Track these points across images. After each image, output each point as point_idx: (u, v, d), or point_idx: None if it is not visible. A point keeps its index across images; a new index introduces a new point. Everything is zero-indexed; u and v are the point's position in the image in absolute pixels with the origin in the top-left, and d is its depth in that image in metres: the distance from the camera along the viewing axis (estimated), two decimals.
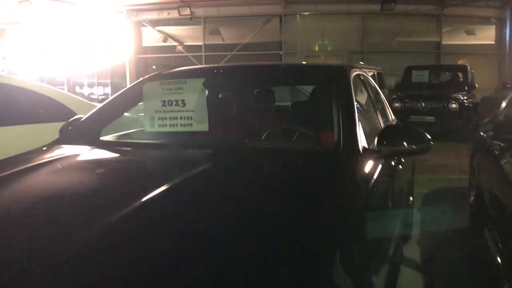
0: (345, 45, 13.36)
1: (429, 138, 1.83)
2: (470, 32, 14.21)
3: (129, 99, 2.44)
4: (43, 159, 1.81)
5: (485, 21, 14.04)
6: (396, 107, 9.00)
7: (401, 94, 9.45)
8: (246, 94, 2.82)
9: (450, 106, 8.75)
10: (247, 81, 2.70)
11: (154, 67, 14.31)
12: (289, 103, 3.27)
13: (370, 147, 1.84)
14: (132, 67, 13.83)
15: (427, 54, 13.51)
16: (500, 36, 14.12)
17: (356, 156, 1.71)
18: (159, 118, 2.10)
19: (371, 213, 1.48)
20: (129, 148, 2.12)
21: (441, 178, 5.39)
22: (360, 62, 12.13)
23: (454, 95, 8.97)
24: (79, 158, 1.88)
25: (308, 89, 7.54)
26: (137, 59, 14.02)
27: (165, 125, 2.08)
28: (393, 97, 9.44)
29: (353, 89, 2.09)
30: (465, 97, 9.09)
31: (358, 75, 2.46)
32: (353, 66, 2.49)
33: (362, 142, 1.78)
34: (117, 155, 2.03)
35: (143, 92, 2.18)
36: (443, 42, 13.55)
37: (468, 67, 10.29)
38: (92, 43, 13.41)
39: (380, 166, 1.77)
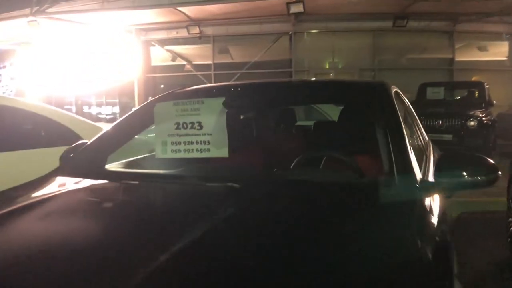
0: (356, 63, 13.15)
1: (496, 167, 1.55)
2: (482, 48, 13.97)
3: (139, 122, 2.18)
4: (36, 197, 1.54)
5: (498, 37, 13.81)
6: None
7: (416, 111, 9.15)
8: (271, 115, 2.54)
9: (468, 123, 8.45)
10: (274, 100, 2.39)
11: (162, 86, 14.19)
12: (310, 123, 3.00)
13: (425, 178, 1.57)
14: (140, 86, 13.70)
15: (440, 71, 13.26)
16: None
17: (415, 190, 1.43)
18: (172, 143, 1.85)
19: (442, 259, 1.22)
20: (140, 182, 1.82)
21: (469, 201, 5.05)
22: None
23: (472, 113, 8.69)
24: (80, 196, 1.61)
25: (323, 107, 7.29)
26: (146, 78, 13.90)
27: (179, 151, 1.83)
28: None
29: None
30: (483, 114, 8.80)
31: (397, 92, 2.19)
32: (389, 83, 2.22)
33: (417, 172, 1.50)
34: (126, 191, 1.74)
35: (154, 114, 1.93)
36: (456, 59, 13.30)
37: (485, 84, 10.01)
38: (101, 62, 13.32)
39: (440, 202, 1.50)
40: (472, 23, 12.92)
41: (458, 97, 10.29)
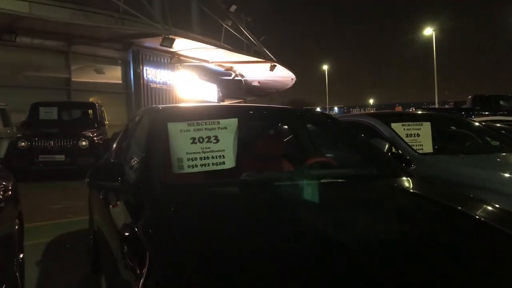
0: None
1: None
2: (99, 71, 14.81)
3: None
4: None
5: (113, 61, 14.96)
6: (22, 146, 8.29)
7: (27, 132, 8.73)
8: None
9: (80, 143, 8.66)
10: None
11: None
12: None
13: None
14: None
15: (57, 90, 13.22)
16: (125, 76, 15.32)
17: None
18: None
19: None
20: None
21: (69, 222, 5.12)
22: None
23: (84, 133, 8.95)
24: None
25: None
26: None
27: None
28: (18, 135, 8.65)
29: None
30: (95, 134, 9.21)
31: None
32: None
33: None
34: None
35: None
36: (73, 79, 13.59)
37: (97, 104, 10.51)
38: None
39: None
40: (87, 46, 13.50)
41: (72, 118, 10.42)
